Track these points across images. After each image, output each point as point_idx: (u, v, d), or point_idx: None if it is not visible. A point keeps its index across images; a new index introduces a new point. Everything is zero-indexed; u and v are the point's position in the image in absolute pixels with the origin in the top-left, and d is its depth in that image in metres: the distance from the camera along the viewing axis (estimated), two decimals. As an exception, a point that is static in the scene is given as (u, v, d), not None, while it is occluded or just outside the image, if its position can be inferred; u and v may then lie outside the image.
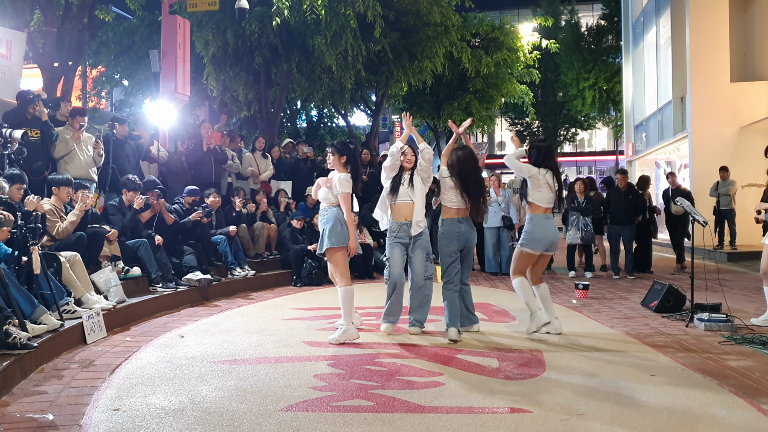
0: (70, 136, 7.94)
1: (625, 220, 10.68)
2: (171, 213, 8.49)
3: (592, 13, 37.97)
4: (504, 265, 11.11)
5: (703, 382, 4.51)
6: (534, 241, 5.97)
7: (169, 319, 6.98)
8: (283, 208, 11.21)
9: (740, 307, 7.45)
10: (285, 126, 24.99)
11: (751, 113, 16.03)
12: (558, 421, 3.71)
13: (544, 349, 5.49)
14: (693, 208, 7.16)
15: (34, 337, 4.86)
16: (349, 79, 14.96)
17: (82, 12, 13.66)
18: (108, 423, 3.69)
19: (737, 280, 10.38)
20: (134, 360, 5.12)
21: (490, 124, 23.48)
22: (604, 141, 42.85)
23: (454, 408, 3.95)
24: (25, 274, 5.40)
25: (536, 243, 5.96)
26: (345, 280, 5.82)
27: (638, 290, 9.02)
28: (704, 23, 16.77)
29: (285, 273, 10.14)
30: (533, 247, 5.97)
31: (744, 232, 13.93)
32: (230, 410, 3.89)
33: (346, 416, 3.79)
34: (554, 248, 6.06)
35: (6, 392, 4.21)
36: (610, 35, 31.72)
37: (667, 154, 20.92)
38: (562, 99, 34.80)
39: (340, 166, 5.96)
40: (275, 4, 12.58)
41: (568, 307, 7.70)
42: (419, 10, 15.35)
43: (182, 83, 12.25)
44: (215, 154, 10.34)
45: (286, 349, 5.50)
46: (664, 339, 5.91)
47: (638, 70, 23.37)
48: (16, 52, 9.95)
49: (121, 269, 7.22)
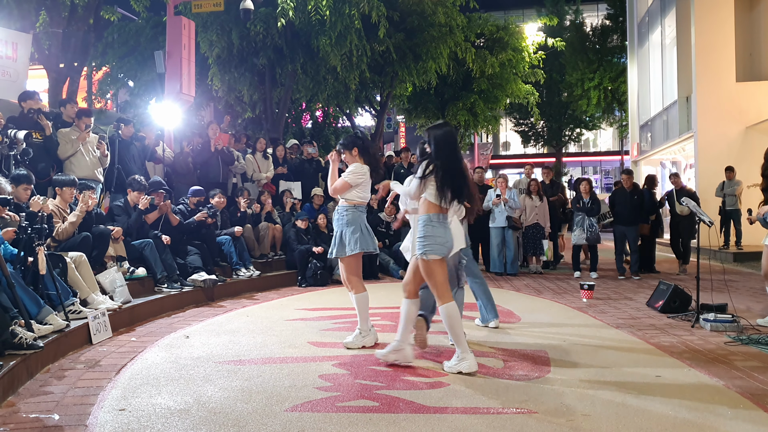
0: (76, 137, 7.95)
1: (631, 220, 10.65)
2: (176, 214, 8.51)
3: (597, 13, 37.94)
4: (509, 265, 11.12)
5: (709, 382, 4.49)
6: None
7: (175, 319, 6.99)
8: (288, 208, 11.22)
9: (746, 308, 7.43)
10: (290, 127, 25.02)
11: (757, 113, 15.97)
12: (564, 422, 3.70)
13: (549, 350, 5.48)
14: (699, 208, 7.14)
15: (40, 337, 4.86)
16: (354, 80, 14.98)
17: (87, 13, 13.72)
18: (114, 423, 3.70)
19: (743, 280, 10.34)
20: (140, 360, 5.13)
21: (494, 125, 23.45)
22: (609, 141, 42.82)
23: (459, 408, 3.95)
24: (31, 275, 5.41)
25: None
26: (359, 285, 5.65)
27: (643, 291, 9.00)
28: (710, 23, 16.71)
29: (290, 273, 10.14)
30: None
31: (750, 233, 13.87)
32: (235, 410, 3.90)
33: (351, 416, 3.79)
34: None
35: (12, 392, 4.22)
36: (615, 35, 31.62)
37: (673, 154, 20.86)
38: (567, 99, 34.74)
39: (355, 159, 5.70)
40: (280, 5, 12.60)
41: (573, 308, 7.68)
42: (424, 11, 15.35)
43: (187, 84, 12.28)
44: (222, 155, 10.36)
45: (291, 350, 5.50)
46: (670, 339, 5.89)
47: (643, 70, 23.31)
48: (22, 54, 9.99)
49: (126, 270, 7.23)
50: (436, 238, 4.69)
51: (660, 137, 20.85)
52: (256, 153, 11.56)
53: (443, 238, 4.72)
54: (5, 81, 9.69)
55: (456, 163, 4.78)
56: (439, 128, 4.89)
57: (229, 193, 10.44)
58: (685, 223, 11.43)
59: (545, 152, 39.94)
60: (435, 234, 4.69)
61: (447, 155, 4.75)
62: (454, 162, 4.76)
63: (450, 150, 4.79)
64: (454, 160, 4.78)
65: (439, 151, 4.76)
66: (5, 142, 6.74)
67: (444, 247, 4.72)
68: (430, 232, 4.70)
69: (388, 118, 29.75)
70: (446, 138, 4.82)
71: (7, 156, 6.79)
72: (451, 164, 4.73)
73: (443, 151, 4.76)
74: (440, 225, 4.74)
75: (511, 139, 43.58)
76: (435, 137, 4.80)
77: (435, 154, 4.76)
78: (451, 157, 4.77)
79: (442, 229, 4.74)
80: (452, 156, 4.78)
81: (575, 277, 10.74)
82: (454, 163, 4.76)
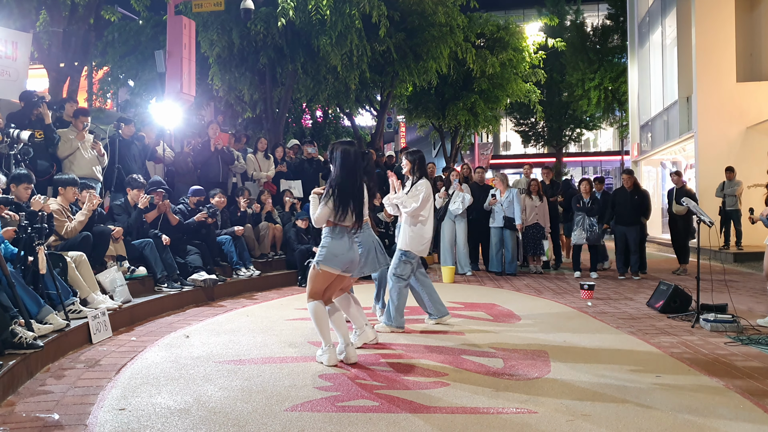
0: (74, 136, 7.96)
1: (631, 220, 10.65)
2: (176, 213, 8.51)
3: (597, 13, 37.91)
4: (507, 265, 11.13)
5: (709, 383, 4.49)
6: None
7: (175, 319, 6.99)
8: (288, 208, 11.22)
9: (746, 308, 7.43)
10: (290, 126, 25.01)
11: (757, 113, 15.97)
12: (564, 421, 3.70)
13: (549, 350, 5.48)
14: (699, 208, 7.14)
15: (40, 336, 4.87)
16: (354, 80, 14.97)
17: (88, 12, 13.72)
18: (113, 422, 3.70)
19: (743, 280, 10.34)
20: (140, 360, 5.13)
21: (495, 125, 23.44)
22: (610, 141, 42.80)
23: (459, 408, 3.95)
24: (31, 274, 5.41)
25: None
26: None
27: (643, 291, 9.00)
28: (710, 23, 16.71)
29: (290, 273, 10.14)
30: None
31: (750, 233, 13.87)
32: (235, 410, 3.90)
33: (351, 416, 3.79)
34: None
35: (12, 392, 4.22)
36: (616, 35, 31.60)
37: (673, 154, 20.86)
38: (568, 99, 34.73)
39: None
40: (280, 5, 12.60)
41: (574, 308, 7.68)
42: (424, 11, 15.33)
43: (188, 83, 12.28)
44: (222, 155, 10.37)
45: (291, 349, 5.50)
46: (670, 340, 5.89)
47: (644, 70, 23.31)
48: (21, 53, 9.98)
49: (126, 269, 7.24)
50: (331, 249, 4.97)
51: (660, 137, 20.85)
52: (258, 153, 11.56)
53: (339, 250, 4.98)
54: (5, 80, 9.69)
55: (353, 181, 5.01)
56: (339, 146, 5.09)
57: (229, 192, 10.45)
58: (681, 222, 11.43)
59: (545, 152, 39.94)
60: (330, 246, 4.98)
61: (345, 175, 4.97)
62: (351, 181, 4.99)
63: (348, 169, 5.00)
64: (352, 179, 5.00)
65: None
66: (6, 141, 6.74)
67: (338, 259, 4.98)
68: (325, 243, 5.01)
69: (388, 118, 29.75)
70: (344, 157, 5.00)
71: (7, 155, 6.79)
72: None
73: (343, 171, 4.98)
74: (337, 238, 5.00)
75: (512, 139, 43.55)
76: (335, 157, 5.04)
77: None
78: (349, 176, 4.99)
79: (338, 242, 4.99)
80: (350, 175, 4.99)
81: (575, 277, 10.74)
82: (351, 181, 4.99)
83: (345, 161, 4.96)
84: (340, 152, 4.98)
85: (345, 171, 4.94)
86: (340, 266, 4.96)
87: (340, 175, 4.93)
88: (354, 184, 4.96)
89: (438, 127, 23.44)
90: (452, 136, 24.23)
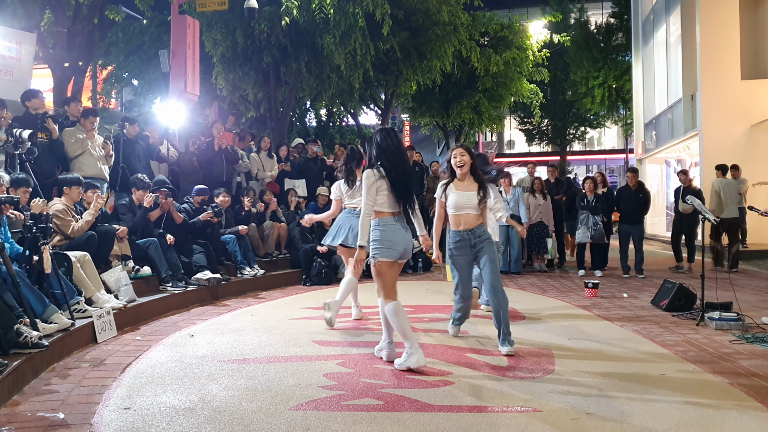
0: (83, 135, 7.97)
1: (635, 218, 10.64)
2: (181, 213, 8.52)
3: (601, 11, 37.77)
4: (513, 264, 11.11)
5: (713, 381, 4.48)
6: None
7: (179, 318, 7.00)
8: (293, 207, 11.22)
9: (751, 306, 7.41)
10: (294, 125, 25.02)
11: (762, 111, 15.93)
12: (568, 420, 3.70)
13: (554, 348, 5.48)
14: (703, 206, 7.12)
15: (45, 336, 4.88)
16: (358, 78, 14.98)
17: (92, 12, 13.73)
18: (118, 422, 3.70)
19: (748, 278, 10.31)
20: (144, 359, 5.14)
21: (499, 123, 23.42)
22: (614, 139, 42.65)
23: (463, 407, 3.94)
24: (36, 274, 5.42)
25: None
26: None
27: (648, 289, 8.98)
28: (714, 21, 16.66)
29: (294, 272, 10.15)
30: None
31: (755, 231, 13.84)
32: (240, 409, 3.90)
33: (356, 415, 3.79)
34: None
35: (17, 391, 4.24)
36: (620, 33, 31.49)
37: (677, 152, 20.81)
38: (572, 97, 34.63)
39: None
40: (284, 4, 12.61)
41: (578, 306, 7.67)
42: (428, 9, 15.33)
43: (192, 83, 12.29)
44: (227, 154, 10.37)
45: (295, 349, 5.51)
46: (675, 338, 5.88)
47: (648, 68, 23.25)
48: (26, 54, 10.01)
49: (131, 268, 7.25)
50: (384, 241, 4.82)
51: (665, 135, 20.80)
52: (261, 152, 11.57)
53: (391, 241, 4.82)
54: (9, 81, 9.71)
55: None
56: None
57: (233, 191, 10.46)
58: (688, 221, 11.42)
59: (549, 151, 39.85)
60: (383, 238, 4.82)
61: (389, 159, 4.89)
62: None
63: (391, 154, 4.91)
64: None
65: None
66: (10, 141, 6.76)
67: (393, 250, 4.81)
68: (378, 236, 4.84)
69: (392, 117, 29.73)
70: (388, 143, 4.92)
71: (12, 155, 6.80)
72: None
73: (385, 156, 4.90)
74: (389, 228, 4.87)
75: (516, 138, 43.46)
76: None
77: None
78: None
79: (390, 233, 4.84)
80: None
81: (579, 275, 10.72)
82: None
83: (389, 146, 4.87)
84: (382, 137, 4.92)
85: (390, 156, 4.85)
86: (396, 254, 4.80)
87: (386, 160, 4.84)
88: (403, 170, 4.88)
89: (442, 125, 23.44)
90: (456, 135, 24.22)
